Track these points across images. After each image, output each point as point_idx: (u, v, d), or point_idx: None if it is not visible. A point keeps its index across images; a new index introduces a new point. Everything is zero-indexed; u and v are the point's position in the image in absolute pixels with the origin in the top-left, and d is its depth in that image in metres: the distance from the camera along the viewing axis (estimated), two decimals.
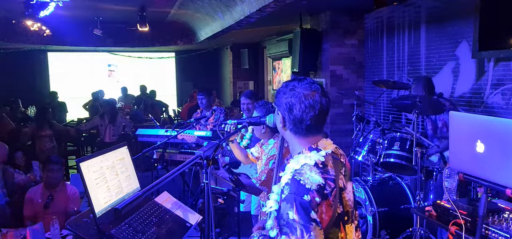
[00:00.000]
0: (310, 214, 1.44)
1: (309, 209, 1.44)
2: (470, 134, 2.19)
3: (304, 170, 1.51)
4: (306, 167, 1.52)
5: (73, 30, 9.39)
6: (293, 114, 1.56)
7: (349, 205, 1.64)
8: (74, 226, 2.09)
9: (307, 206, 1.44)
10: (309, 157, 1.55)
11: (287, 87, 1.59)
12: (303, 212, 1.43)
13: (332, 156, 1.61)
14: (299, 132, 1.59)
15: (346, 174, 1.66)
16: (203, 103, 5.88)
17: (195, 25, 9.46)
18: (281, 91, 1.61)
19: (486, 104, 4.42)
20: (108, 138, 7.18)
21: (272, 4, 5.14)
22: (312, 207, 1.44)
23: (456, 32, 4.79)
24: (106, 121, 7.27)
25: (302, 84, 1.57)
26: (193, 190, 5.37)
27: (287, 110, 1.57)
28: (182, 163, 1.60)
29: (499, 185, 2.07)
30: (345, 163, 1.69)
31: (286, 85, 1.61)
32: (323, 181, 1.50)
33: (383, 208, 3.84)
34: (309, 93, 1.55)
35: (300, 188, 1.47)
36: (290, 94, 1.57)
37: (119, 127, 7.33)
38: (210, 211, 1.68)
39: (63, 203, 4.01)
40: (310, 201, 1.44)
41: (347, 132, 6.44)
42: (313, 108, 1.54)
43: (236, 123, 2.35)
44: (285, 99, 1.57)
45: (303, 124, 1.56)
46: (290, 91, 1.57)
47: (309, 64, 6.77)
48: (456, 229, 2.38)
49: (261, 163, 3.17)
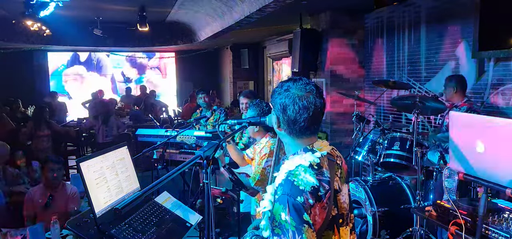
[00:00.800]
0: (303, 216, 1.42)
1: (302, 210, 1.43)
2: (470, 134, 2.19)
3: (298, 171, 1.50)
4: (301, 168, 1.51)
5: (73, 30, 9.40)
6: (287, 115, 1.54)
7: (344, 208, 1.63)
8: (74, 226, 2.09)
9: (300, 207, 1.43)
10: (304, 158, 1.55)
11: (282, 88, 1.58)
12: (296, 214, 1.42)
13: (327, 158, 1.60)
14: (293, 133, 1.58)
15: (342, 176, 1.65)
16: (203, 103, 5.88)
17: (195, 25, 9.46)
18: (276, 92, 1.61)
19: (486, 104, 4.42)
20: (101, 139, 7.23)
21: (272, 4, 5.14)
22: (305, 208, 1.43)
23: (456, 32, 4.79)
24: (99, 121, 7.33)
25: (296, 85, 1.56)
26: (193, 190, 5.37)
27: (281, 111, 1.56)
28: (182, 163, 1.60)
29: (499, 185, 2.06)
30: (342, 165, 1.68)
31: (281, 85, 1.60)
32: (317, 182, 1.49)
33: (383, 208, 3.84)
34: (304, 94, 1.54)
35: (293, 189, 1.46)
36: (285, 94, 1.55)
37: (111, 128, 7.36)
38: (210, 211, 1.68)
39: (63, 202, 4.00)
40: (303, 203, 1.43)
41: (347, 132, 6.44)
42: (307, 110, 1.52)
43: (236, 123, 2.34)
44: (280, 100, 1.56)
45: (297, 124, 1.55)
46: (285, 91, 1.56)
47: (309, 64, 6.77)
48: (456, 229, 2.38)
49: (254, 162, 3.16)
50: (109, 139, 7.14)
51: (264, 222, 1.59)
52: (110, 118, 7.40)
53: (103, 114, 7.35)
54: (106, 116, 7.35)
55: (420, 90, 5.39)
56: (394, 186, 4.11)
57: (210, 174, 1.66)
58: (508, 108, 4.18)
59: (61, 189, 4.04)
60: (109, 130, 7.32)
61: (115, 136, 7.23)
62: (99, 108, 7.50)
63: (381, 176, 4.25)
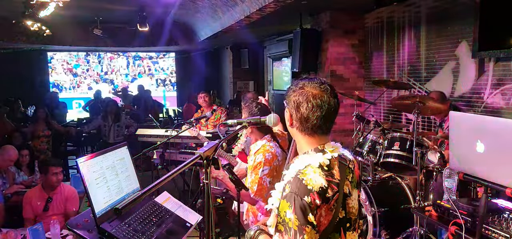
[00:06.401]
0: (308, 216, 1.42)
1: (308, 211, 1.43)
2: (470, 134, 2.19)
3: (308, 170, 1.50)
4: (310, 168, 1.51)
5: (73, 30, 9.40)
6: (300, 112, 1.56)
7: (353, 213, 1.62)
8: (74, 226, 2.09)
9: (306, 207, 1.43)
10: (314, 158, 1.55)
11: (297, 86, 1.60)
12: (301, 213, 1.42)
13: (339, 160, 1.60)
14: (305, 130, 1.58)
15: (353, 180, 1.64)
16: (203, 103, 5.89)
17: (195, 25, 9.46)
18: (290, 89, 1.62)
19: (486, 104, 4.42)
20: (112, 138, 7.10)
21: (272, 4, 5.14)
22: (311, 209, 1.43)
23: (456, 32, 4.79)
24: (110, 121, 7.21)
25: (311, 83, 1.57)
26: (193, 190, 5.38)
27: (295, 108, 1.57)
28: (182, 163, 1.60)
29: (499, 185, 2.06)
30: (354, 170, 1.68)
31: (296, 83, 1.61)
32: (326, 183, 1.48)
33: (383, 208, 3.84)
34: (318, 92, 1.55)
35: (301, 188, 1.46)
36: (299, 92, 1.57)
37: (122, 127, 7.29)
38: (210, 211, 1.68)
39: (62, 204, 4.01)
40: (310, 203, 1.43)
41: (347, 132, 6.44)
42: (320, 108, 1.54)
43: (236, 123, 2.33)
44: (294, 97, 1.58)
45: (309, 122, 1.56)
46: (299, 89, 1.58)
47: (309, 64, 6.77)
48: (456, 229, 2.38)
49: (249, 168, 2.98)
50: (120, 138, 7.08)
51: (272, 219, 1.60)
52: (121, 117, 7.34)
53: (114, 113, 7.29)
54: (116, 115, 7.29)
55: (420, 90, 5.39)
56: (394, 186, 4.11)
57: (210, 174, 1.66)
58: (508, 108, 4.18)
59: (59, 190, 4.03)
60: (121, 129, 7.26)
61: (125, 136, 7.18)
62: (110, 108, 7.41)
63: (381, 176, 4.25)
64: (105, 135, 7.26)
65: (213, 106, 6.27)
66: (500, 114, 4.21)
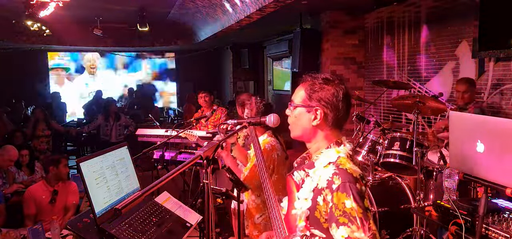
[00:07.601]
0: (365, 202, 1.43)
1: (364, 197, 1.44)
2: (470, 134, 2.19)
3: (342, 161, 1.50)
4: (342, 158, 1.51)
5: (73, 30, 9.39)
6: (335, 106, 1.55)
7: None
8: (74, 226, 2.09)
9: (362, 193, 1.43)
10: (340, 150, 1.55)
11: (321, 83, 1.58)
12: (360, 200, 1.41)
13: None
14: (331, 125, 1.57)
15: None
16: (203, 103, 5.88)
17: (195, 25, 9.45)
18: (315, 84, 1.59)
19: (486, 104, 4.42)
20: (114, 138, 7.18)
21: (272, 4, 5.14)
22: (364, 195, 1.44)
23: (456, 32, 4.79)
24: (111, 121, 7.26)
25: (331, 82, 1.58)
26: (193, 190, 5.37)
27: (329, 103, 1.55)
28: (182, 163, 1.60)
29: (499, 185, 2.06)
30: None
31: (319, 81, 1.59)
32: (361, 171, 1.50)
33: (383, 208, 3.84)
34: (343, 86, 1.58)
35: (350, 177, 1.44)
36: (326, 88, 1.56)
37: (123, 126, 7.35)
38: (210, 211, 1.68)
39: (66, 196, 4.13)
40: (362, 189, 1.44)
41: (347, 132, 6.44)
42: (343, 101, 1.56)
43: (236, 123, 2.34)
44: (327, 92, 1.56)
45: (339, 116, 1.56)
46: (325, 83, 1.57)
47: (309, 64, 6.77)
48: (456, 229, 2.38)
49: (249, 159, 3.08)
50: (122, 138, 7.13)
51: (303, 222, 1.54)
52: (121, 117, 7.40)
53: (115, 113, 7.34)
54: (117, 115, 7.34)
55: (420, 90, 5.39)
56: (394, 186, 4.11)
57: (210, 174, 1.66)
58: (508, 108, 4.18)
59: (62, 183, 4.17)
60: (122, 128, 7.31)
61: (126, 135, 7.23)
62: (112, 107, 7.47)
63: (381, 176, 4.25)
64: (107, 134, 7.31)
65: (214, 106, 6.26)
66: (500, 114, 4.21)
